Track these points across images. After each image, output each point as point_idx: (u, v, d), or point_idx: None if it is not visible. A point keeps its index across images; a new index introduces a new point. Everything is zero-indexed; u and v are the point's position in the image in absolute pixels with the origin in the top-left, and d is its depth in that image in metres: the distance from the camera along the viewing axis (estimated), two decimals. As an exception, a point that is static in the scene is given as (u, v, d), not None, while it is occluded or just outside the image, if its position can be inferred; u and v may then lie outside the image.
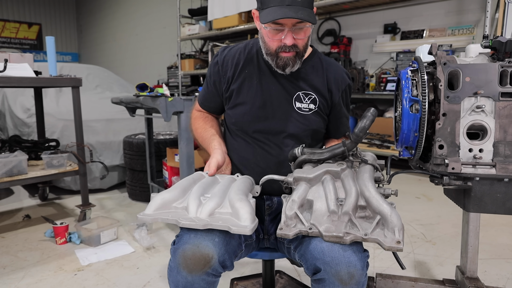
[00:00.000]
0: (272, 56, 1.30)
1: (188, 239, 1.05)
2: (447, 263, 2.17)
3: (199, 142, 1.49)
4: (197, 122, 1.51)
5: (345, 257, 0.99)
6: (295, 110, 1.37)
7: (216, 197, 1.08)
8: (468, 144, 1.09)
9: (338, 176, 1.12)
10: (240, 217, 1.01)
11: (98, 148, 3.58)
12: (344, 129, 1.51)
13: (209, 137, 1.44)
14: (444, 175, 1.13)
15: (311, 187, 1.10)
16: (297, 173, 1.12)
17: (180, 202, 1.08)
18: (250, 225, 0.99)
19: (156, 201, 1.05)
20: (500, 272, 2.04)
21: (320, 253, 1.02)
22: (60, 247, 2.37)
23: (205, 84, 1.49)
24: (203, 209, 1.03)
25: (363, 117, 1.13)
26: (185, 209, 1.05)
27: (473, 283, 1.57)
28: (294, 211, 1.03)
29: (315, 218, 1.01)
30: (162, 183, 3.04)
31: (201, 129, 1.48)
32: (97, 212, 3.04)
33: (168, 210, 1.06)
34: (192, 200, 1.06)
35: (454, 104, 1.09)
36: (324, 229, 0.98)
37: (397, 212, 0.99)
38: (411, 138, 1.17)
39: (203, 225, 0.98)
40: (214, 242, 1.05)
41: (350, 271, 0.99)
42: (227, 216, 1.04)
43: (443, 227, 2.74)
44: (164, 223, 2.81)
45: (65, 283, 1.95)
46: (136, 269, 2.11)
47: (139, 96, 2.39)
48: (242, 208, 1.02)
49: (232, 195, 1.08)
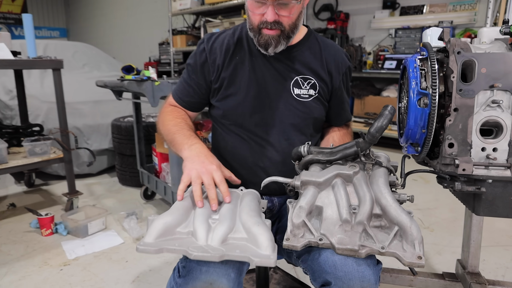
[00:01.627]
0: (255, 33, 1.17)
1: (199, 275, 0.93)
2: (445, 251, 2.12)
3: (168, 141, 1.23)
4: (169, 116, 1.27)
5: (359, 272, 0.91)
6: (294, 97, 1.25)
7: (226, 220, 0.95)
8: (481, 143, 0.98)
9: (350, 180, 1.01)
10: (260, 244, 0.88)
11: (86, 131, 3.44)
12: (346, 116, 1.40)
13: (188, 136, 1.17)
14: (453, 176, 1.03)
15: (320, 192, 0.99)
16: (305, 176, 1.00)
17: (184, 226, 0.94)
18: (272, 254, 0.87)
19: (157, 227, 0.90)
20: (499, 261, 1.99)
21: (332, 267, 0.94)
22: (45, 239, 2.29)
23: (185, 76, 1.32)
24: (214, 235, 0.90)
25: (380, 116, 1.01)
26: (192, 235, 0.92)
27: (475, 278, 1.52)
28: (302, 219, 0.93)
29: (326, 227, 0.92)
30: (152, 168, 2.93)
31: (173, 124, 1.23)
32: (85, 199, 2.95)
33: (172, 236, 0.91)
34: (199, 224, 0.92)
35: (467, 99, 0.97)
36: (337, 241, 0.88)
37: (416, 223, 0.90)
38: (418, 135, 1.06)
39: (219, 257, 0.84)
40: (230, 278, 0.93)
41: (363, 286, 0.91)
42: (242, 242, 0.91)
43: (440, 212, 2.69)
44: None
45: (50, 279, 1.87)
46: (125, 262, 2.03)
47: (123, 80, 2.24)
48: (261, 235, 0.90)
49: (245, 217, 0.96)
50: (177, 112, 1.30)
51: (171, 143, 1.21)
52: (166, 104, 1.36)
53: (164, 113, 1.31)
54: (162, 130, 1.27)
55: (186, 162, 1.08)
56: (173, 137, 1.19)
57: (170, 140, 1.21)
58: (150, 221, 0.96)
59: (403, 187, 1.06)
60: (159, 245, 0.87)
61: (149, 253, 0.87)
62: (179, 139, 1.17)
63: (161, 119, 1.30)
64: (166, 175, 2.63)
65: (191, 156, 1.10)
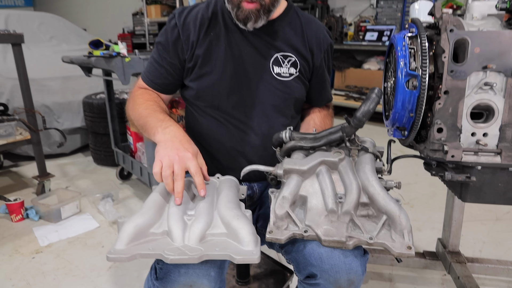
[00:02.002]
0: (233, 5, 1.07)
1: (178, 277, 0.86)
2: (425, 227, 2.14)
3: (140, 126, 1.10)
4: (139, 99, 1.15)
5: (346, 264, 0.88)
6: (274, 76, 1.17)
7: (203, 215, 0.87)
8: (471, 128, 0.93)
9: (336, 167, 0.95)
10: (241, 239, 0.82)
11: (56, 109, 3.25)
12: (327, 96, 1.33)
13: (161, 119, 1.06)
14: (441, 162, 0.98)
15: (304, 181, 0.93)
16: (288, 164, 0.93)
17: (158, 226, 0.86)
18: (255, 249, 0.81)
19: (128, 231, 0.82)
20: (476, 236, 2.03)
21: (318, 260, 0.89)
22: (16, 225, 2.18)
23: (155, 56, 1.20)
24: (191, 233, 0.82)
25: (367, 99, 0.94)
26: (167, 235, 0.84)
27: (455, 258, 1.52)
28: (286, 210, 0.87)
29: (311, 218, 0.86)
30: (128, 148, 2.82)
31: (144, 108, 1.11)
32: (58, 181, 2.82)
33: (145, 239, 0.83)
34: (174, 223, 0.85)
35: (458, 80, 0.91)
36: (323, 233, 0.83)
37: (405, 211, 0.85)
38: (405, 119, 1.00)
39: (198, 258, 0.77)
40: (210, 277, 0.87)
41: (350, 278, 0.88)
42: (222, 238, 0.84)
43: (420, 187, 2.71)
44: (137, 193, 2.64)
45: (22, 268, 1.78)
46: (101, 247, 1.96)
47: (91, 57, 2.08)
48: (242, 229, 0.83)
49: (224, 210, 0.88)
50: (148, 95, 1.19)
51: (143, 128, 1.09)
52: (136, 87, 1.24)
53: (133, 97, 1.19)
54: (132, 115, 1.16)
55: (159, 147, 0.98)
56: (145, 121, 1.08)
57: (141, 125, 1.10)
58: (120, 224, 0.88)
59: (390, 173, 1.02)
60: (131, 251, 0.79)
61: (121, 261, 0.80)
62: (151, 122, 1.06)
63: (131, 104, 1.18)
64: (142, 155, 2.53)
65: (164, 140, 0.99)
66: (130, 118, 1.17)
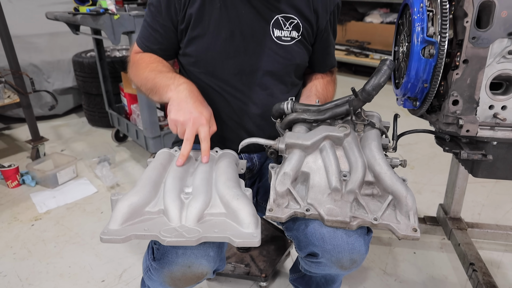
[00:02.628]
0: None
1: (175, 258, 0.84)
2: (425, 190, 2.14)
3: (149, 91, 1.05)
4: (142, 64, 1.09)
5: (349, 244, 0.85)
6: (273, 40, 1.08)
7: (201, 193, 0.83)
8: (489, 100, 0.86)
9: (340, 143, 0.89)
10: (241, 221, 0.78)
11: (45, 69, 3.11)
12: (331, 61, 1.24)
13: (171, 77, 1.01)
14: (454, 136, 0.93)
15: (307, 156, 0.88)
16: (290, 138, 0.88)
17: (154, 204, 0.82)
18: (255, 231, 0.77)
19: (122, 210, 0.78)
20: (475, 198, 2.03)
21: (320, 240, 0.87)
22: (13, 191, 2.15)
23: (149, 19, 1.10)
24: (189, 213, 0.79)
25: (378, 71, 0.87)
26: (163, 214, 0.81)
27: (456, 224, 1.52)
28: (287, 187, 0.83)
29: (313, 196, 0.82)
30: (122, 109, 2.73)
31: (150, 70, 1.05)
32: (53, 144, 2.76)
33: (140, 218, 0.80)
34: (170, 201, 0.80)
35: (480, 48, 0.83)
36: (326, 212, 0.80)
37: (412, 192, 0.82)
38: (418, 89, 0.93)
39: (196, 240, 0.74)
40: (209, 258, 0.85)
41: (353, 257, 0.86)
42: (221, 218, 0.81)
43: (421, 148, 2.68)
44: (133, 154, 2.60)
45: (22, 236, 1.78)
46: (100, 213, 1.95)
47: (76, 14, 1.93)
48: (242, 210, 0.79)
49: (223, 189, 0.84)
50: (149, 57, 1.11)
51: (153, 91, 1.02)
52: (133, 53, 1.16)
53: (134, 63, 1.13)
54: (137, 81, 1.09)
55: (171, 107, 0.93)
56: (154, 83, 1.01)
57: (150, 88, 1.03)
58: (113, 202, 0.83)
59: (395, 150, 0.97)
60: (126, 232, 0.76)
61: (115, 243, 0.76)
62: (161, 82, 1.00)
63: (133, 70, 1.11)
64: (137, 118, 2.45)
65: (178, 99, 0.94)
66: (136, 85, 1.11)
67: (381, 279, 1.50)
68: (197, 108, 0.94)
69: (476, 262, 1.31)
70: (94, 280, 1.51)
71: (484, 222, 1.82)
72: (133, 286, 1.48)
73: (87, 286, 1.48)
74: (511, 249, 1.64)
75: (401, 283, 1.48)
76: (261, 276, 1.43)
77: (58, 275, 1.54)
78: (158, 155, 1.01)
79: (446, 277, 1.51)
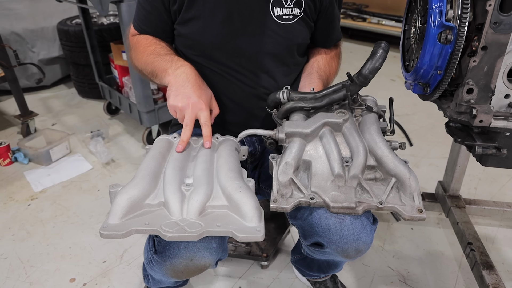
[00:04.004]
0: None
1: (178, 252, 0.83)
2: (422, 163, 2.15)
3: (149, 74, 1.02)
4: (140, 47, 1.05)
5: (355, 235, 0.85)
6: (274, 20, 1.01)
7: (202, 185, 0.80)
8: (506, 89, 0.83)
9: (339, 129, 0.89)
10: (244, 215, 0.76)
11: (28, 37, 2.95)
12: (336, 36, 1.18)
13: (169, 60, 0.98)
14: (465, 125, 0.90)
15: (307, 145, 0.87)
16: (290, 127, 0.86)
17: (153, 196, 0.79)
18: (259, 225, 0.75)
19: (121, 203, 0.75)
20: (472, 172, 2.04)
21: (326, 231, 0.86)
22: (6, 169, 2.10)
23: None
24: (190, 206, 0.77)
25: (373, 55, 0.84)
26: (164, 206, 0.78)
27: (455, 202, 1.54)
28: (290, 176, 0.81)
29: (317, 184, 0.82)
30: (113, 81, 2.63)
31: (149, 53, 1.01)
32: (43, 118, 2.68)
33: (140, 211, 0.77)
34: (170, 193, 0.78)
35: (501, 34, 0.78)
36: (331, 199, 0.79)
37: (415, 173, 0.81)
38: (431, 76, 0.88)
39: (198, 235, 0.72)
40: (212, 250, 0.84)
41: (358, 247, 0.87)
42: (223, 210, 0.79)
43: (418, 118, 2.67)
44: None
45: (19, 217, 1.76)
46: (97, 191, 1.93)
47: (59, -18, 1.79)
48: (245, 203, 0.76)
49: (225, 181, 0.81)
50: (146, 39, 1.06)
51: (153, 75, 1.00)
52: (130, 36, 1.11)
53: (133, 46, 1.08)
54: (138, 65, 1.06)
55: (170, 92, 0.92)
56: (153, 68, 0.99)
57: (150, 72, 1.01)
58: (112, 194, 0.81)
59: (393, 133, 0.97)
60: (126, 227, 0.74)
61: (116, 238, 0.74)
62: (159, 65, 0.97)
63: (133, 54, 1.07)
64: (129, 91, 2.37)
65: (176, 84, 0.92)
66: (137, 69, 1.07)
67: (379, 255, 1.53)
68: (195, 92, 0.91)
69: (474, 241, 1.33)
70: (96, 260, 1.51)
71: (481, 196, 1.85)
72: (135, 266, 1.49)
73: (89, 267, 1.49)
74: (506, 225, 1.68)
75: (399, 259, 1.52)
76: (262, 256, 1.44)
77: (59, 256, 1.54)
78: (156, 142, 0.98)
79: (443, 253, 1.55)
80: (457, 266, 1.49)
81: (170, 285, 1.16)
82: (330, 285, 1.33)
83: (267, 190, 1.15)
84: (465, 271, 1.46)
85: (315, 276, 1.31)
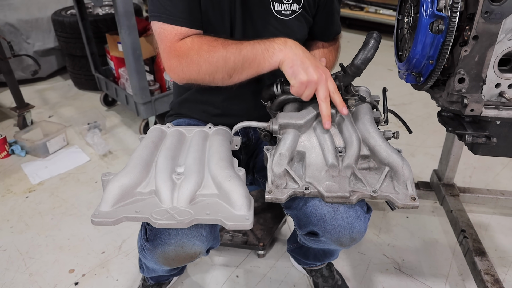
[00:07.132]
0: None
1: (168, 239, 0.84)
2: (418, 152, 2.16)
3: (236, 67, 0.89)
4: (204, 46, 0.90)
5: (349, 224, 0.86)
6: (274, 15, 1.01)
7: (193, 173, 0.81)
8: (497, 78, 0.84)
9: (333, 119, 0.89)
10: (233, 203, 0.77)
11: (23, 28, 2.93)
12: (335, 29, 1.18)
13: (258, 41, 0.88)
14: (457, 114, 0.91)
15: (301, 136, 0.88)
16: (283, 119, 0.87)
17: (145, 184, 0.81)
18: (248, 213, 0.77)
19: (113, 191, 0.77)
20: (467, 161, 2.05)
21: (320, 220, 0.87)
22: (3, 162, 2.11)
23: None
24: (180, 194, 0.78)
25: (365, 45, 0.85)
26: (155, 194, 0.80)
27: (449, 190, 1.55)
28: (284, 167, 0.83)
29: (311, 174, 0.83)
30: (109, 72, 2.62)
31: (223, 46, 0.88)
32: (39, 110, 2.67)
33: (132, 199, 0.79)
34: (161, 182, 0.79)
35: (492, 24, 0.78)
36: (325, 188, 0.80)
37: (407, 161, 0.83)
38: (423, 65, 0.89)
39: (187, 223, 0.74)
40: (202, 238, 0.85)
41: (352, 236, 0.88)
42: (213, 199, 0.80)
43: (415, 108, 2.67)
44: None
45: (17, 209, 1.77)
46: (95, 183, 1.94)
47: (52, -27, 1.76)
48: (234, 191, 0.78)
49: (215, 169, 0.82)
50: (201, 38, 0.92)
51: (243, 67, 0.88)
52: (171, 42, 0.91)
53: (184, 55, 0.90)
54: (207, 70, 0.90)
55: (295, 67, 0.83)
56: (242, 58, 0.87)
57: (236, 65, 0.88)
58: (104, 183, 0.82)
59: (386, 123, 0.98)
60: (117, 214, 0.76)
61: (107, 225, 0.76)
62: (252, 50, 0.86)
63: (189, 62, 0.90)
64: (126, 82, 2.36)
65: (295, 56, 0.84)
66: (201, 75, 0.91)
67: (375, 244, 1.55)
68: (316, 60, 0.87)
69: (467, 228, 1.35)
70: (94, 252, 1.53)
71: (476, 184, 1.87)
72: (133, 256, 1.51)
73: (88, 258, 1.50)
74: (499, 212, 1.70)
75: (394, 247, 1.54)
76: (259, 245, 1.46)
77: (58, 247, 1.56)
78: (149, 132, 0.99)
79: (437, 240, 1.57)
80: (451, 253, 1.51)
81: (165, 273, 1.18)
82: (326, 273, 1.35)
83: (262, 180, 1.16)
84: (458, 257, 1.48)
85: (311, 264, 1.33)
